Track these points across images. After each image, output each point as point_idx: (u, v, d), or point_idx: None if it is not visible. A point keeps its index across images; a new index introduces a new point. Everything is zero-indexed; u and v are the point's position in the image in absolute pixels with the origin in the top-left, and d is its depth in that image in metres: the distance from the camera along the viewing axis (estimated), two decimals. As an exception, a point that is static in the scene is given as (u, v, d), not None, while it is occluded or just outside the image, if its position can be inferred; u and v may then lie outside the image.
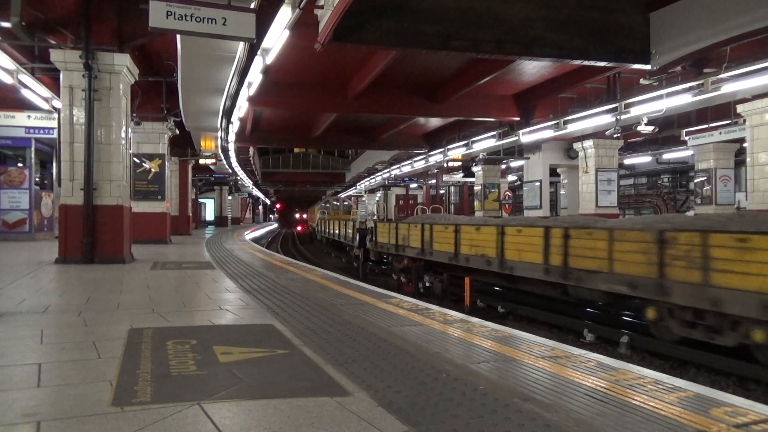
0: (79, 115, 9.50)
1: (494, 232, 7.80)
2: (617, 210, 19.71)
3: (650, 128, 14.17)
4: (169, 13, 6.63)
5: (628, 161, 24.74)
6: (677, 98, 11.41)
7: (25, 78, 11.48)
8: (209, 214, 45.33)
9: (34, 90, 12.38)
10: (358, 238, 15.62)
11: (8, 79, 10.99)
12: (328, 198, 44.31)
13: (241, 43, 9.31)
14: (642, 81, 13.05)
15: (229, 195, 44.90)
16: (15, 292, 6.08)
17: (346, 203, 37.35)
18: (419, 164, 25.86)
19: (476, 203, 25.88)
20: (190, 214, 25.84)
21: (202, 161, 23.43)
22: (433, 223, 9.98)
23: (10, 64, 10.72)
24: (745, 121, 13.95)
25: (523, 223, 8.14)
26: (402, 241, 11.31)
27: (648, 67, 10.06)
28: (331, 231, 24.72)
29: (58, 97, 10.77)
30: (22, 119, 15.15)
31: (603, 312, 7.85)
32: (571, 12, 9.36)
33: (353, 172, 43.77)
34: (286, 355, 3.39)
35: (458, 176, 27.16)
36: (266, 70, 10.23)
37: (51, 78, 12.44)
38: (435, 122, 21.84)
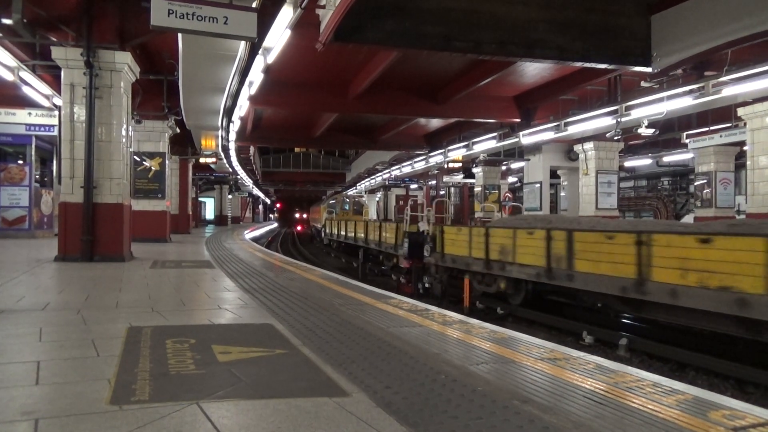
0: (80, 112, 9.51)
1: (762, 247, 4.44)
2: (617, 212, 19.73)
3: (651, 131, 14.18)
4: (171, 12, 6.62)
5: (628, 164, 24.77)
6: (678, 101, 11.42)
7: (26, 75, 11.47)
8: (209, 213, 45.33)
9: (35, 87, 12.37)
10: (406, 246, 11.18)
11: (9, 76, 10.97)
12: (336, 196, 37.24)
13: (243, 42, 9.31)
14: (643, 83, 13.06)
15: (229, 194, 44.89)
16: (14, 290, 6.08)
17: (357, 200, 31.62)
18: (419, 165, 25.88)
19: (476, 204, 25.91)
20: (190, 213, 25.83)
21: (202, 160, 23.41)
22: (574, 229, 6.68)
23: (11, 61, 10.71)
24: (745, 124, 13.96)
25: None
26: (500, 255, 7.84)
27: (649, 69, 10.06)
28: (347, 234, 18.96)
29: (59, 94, 10.76)
30: (22, 116, 15.13)
31: (602, 314, 7.84)
32: (572, 14, 9.36)
33: (353, 172, 43.76)
34: (285, 354, 3.39)
35: (458, 177, 27.19)
36: (267, 70, 10.23)
37: (52, 75, 12.44)
38: (436, 123, 21.84)
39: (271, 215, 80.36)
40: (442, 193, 33.10)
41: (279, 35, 8.06)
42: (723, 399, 2.70)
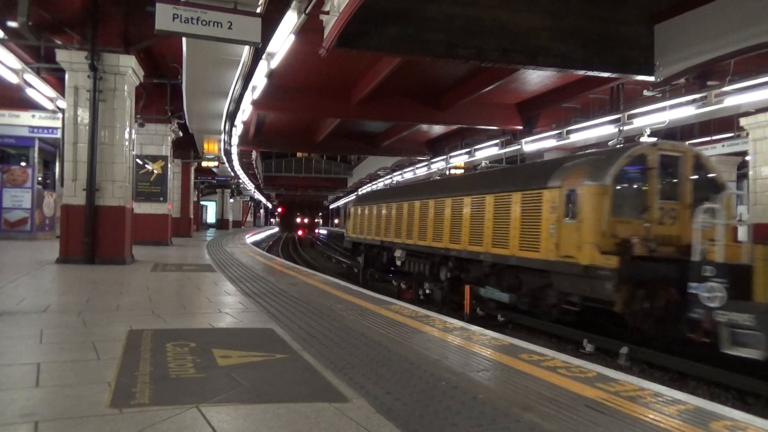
0: (84, 115, 9.53)
1: None
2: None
3: (653, 140, 14.15)
4: (176, 16, 6.66)
5: (630, 172, 24.72)
6: (680, 110, 11.41)
7: (31, 77, 11.52)
8: (210, 216, 45.39)
9: (39, 90, 12.42)
10: None
11: (14, 79, 11.03)
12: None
13: (246, 47, 9.34)
14: (645, 92, 13.05)
15: (230, 198, 44.94)
16: (15, 291, 6.08)
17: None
18: (421, 171, 25.88)
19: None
20: (192, 217, 25.86)
21: (204, 164, 23.46)
22: None
23: (16, 64, 10.75)
24: (747, 134, 13.95)
25: None
26: None
27: (651, 78, 10.08)
28: None
29: (63, 97, 10.80)
30: (26, 118, 15.17)
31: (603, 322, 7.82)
32: (575, 22, 9.38)
33: (355, 178, 43.83)
34: (285, 359, 3.39)
35: (460, 184, 27.05)
36: (271, 75, 10.26)
37: (56, 78, 12.49)
38: (438, 129, 21.88)
39: (272, 219, 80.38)
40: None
41: (283, 40, 8.09)
42: (724, 409, 2.69)
